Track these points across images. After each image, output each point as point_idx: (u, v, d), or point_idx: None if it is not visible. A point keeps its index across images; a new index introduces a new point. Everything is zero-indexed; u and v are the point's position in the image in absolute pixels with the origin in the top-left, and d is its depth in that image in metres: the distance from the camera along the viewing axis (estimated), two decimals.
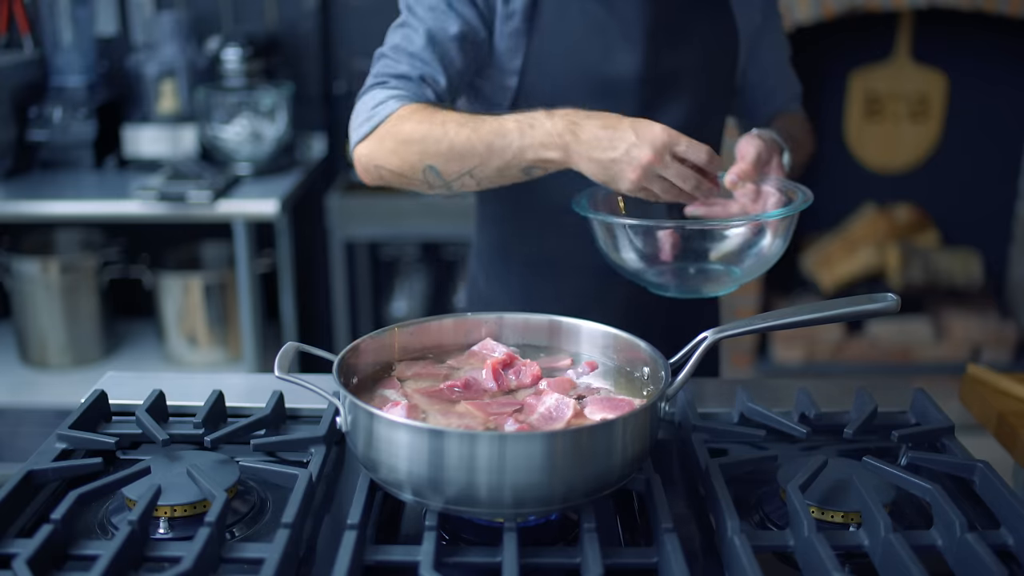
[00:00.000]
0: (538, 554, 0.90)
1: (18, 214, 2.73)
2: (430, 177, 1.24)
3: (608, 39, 1.35)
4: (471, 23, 1.31)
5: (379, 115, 1.26)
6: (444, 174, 1.22)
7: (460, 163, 1.20)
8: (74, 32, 3.03)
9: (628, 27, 1.35)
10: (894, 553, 0.87)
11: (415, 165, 1.23)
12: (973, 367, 1.44)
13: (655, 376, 1.06)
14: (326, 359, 1.05)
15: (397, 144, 1.24)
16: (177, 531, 0.96)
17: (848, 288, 3.62)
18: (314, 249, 3.40)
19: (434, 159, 1.22)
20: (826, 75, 3.71)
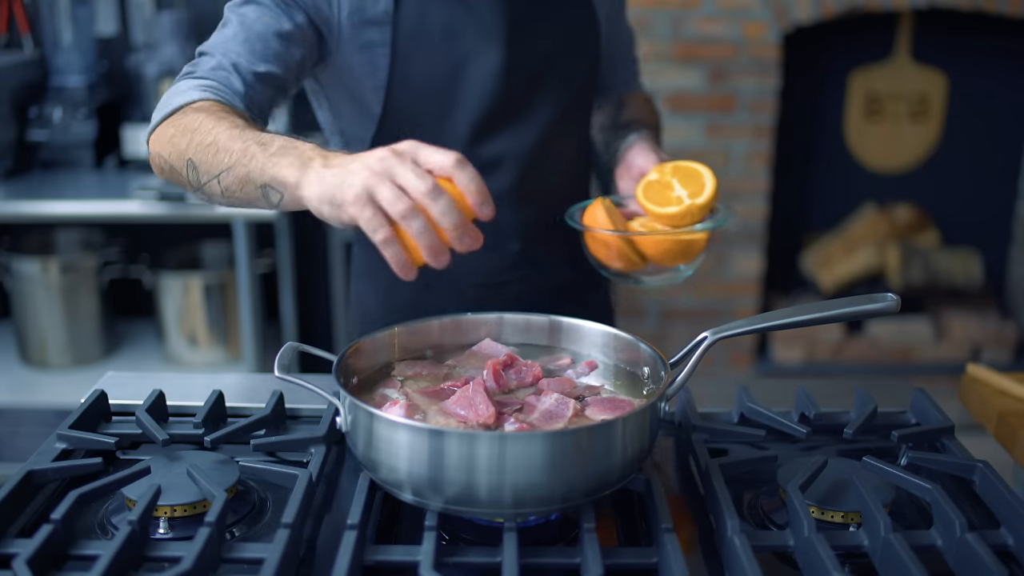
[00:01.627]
0: (538, 554, 0.90)
1: (18, 214, 2.73)
2: (190, 172, 1.14)
3: (469, 44, 1.34)
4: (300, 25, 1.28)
5: (174, 104, 1.20)
6: (200, 171, 1.11)
7: (214, 161, 1.09)
8: (74, 32, 3.03)
9: (487, 30, 1.34)
10: (894, 553, 0.87)
11: (181, 155, 1.14)
12: (973, 367, 1.44)
13: (655, 376, 1.07)
14: (326, 359, 1.05)
15: (176, 132, 1.16)
16: (177, 531, 0.96)
17: (848, 288, 3.63)
18: (314, 249, 3.40)
19: (196, 152, 1.12)
20: (826, 75, 3.71)
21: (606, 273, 1.38)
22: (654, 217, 1.31)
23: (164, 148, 1.18)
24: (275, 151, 1.03)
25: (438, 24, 1.33)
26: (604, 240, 1.32)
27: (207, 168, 1.10)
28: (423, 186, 0.90)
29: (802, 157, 3.77)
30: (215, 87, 1.22)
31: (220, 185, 1.10)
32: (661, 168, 1.34)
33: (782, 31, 3.35)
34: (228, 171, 1.07)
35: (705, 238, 1.32)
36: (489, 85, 1.35)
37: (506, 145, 1.39)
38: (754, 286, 3.59)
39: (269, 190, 1.03)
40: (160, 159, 1.19)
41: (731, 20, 3.32)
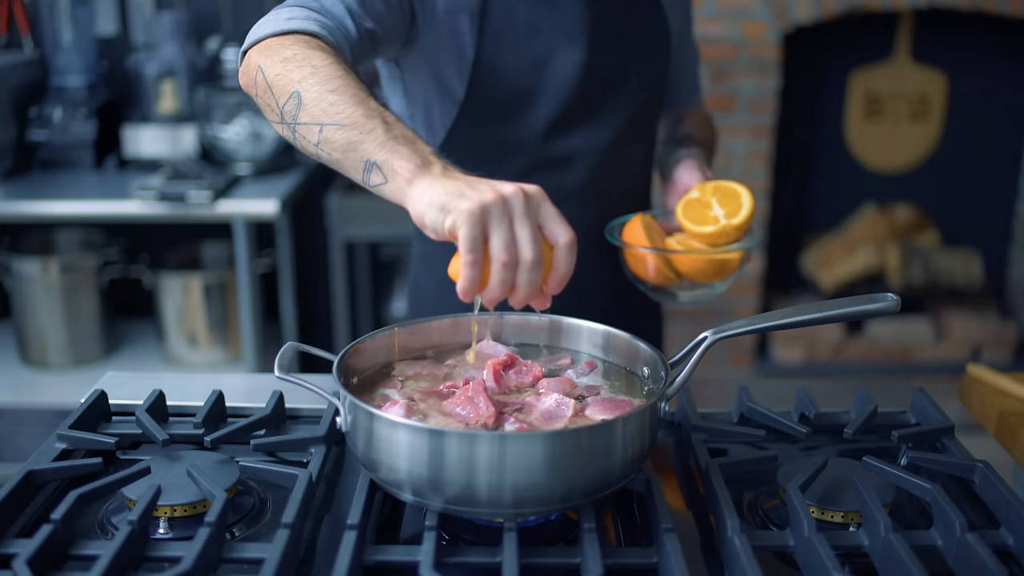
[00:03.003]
0: (538, 554, 0.90)
1: (18, 214, 2.73)
2: (290, 104, 1.07)
3: (551, 39, 1.37)
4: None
5: (289, 26, 1.15)
6: (303, 108, 1.06)
7: (329, 110, 1.04)
8: (74, 32, 3.03)
9: (570, 26, 1.37)
10: (894, 553, 0.87)
11: (289, 84, 1.08)
12: (973, 367, 1.44)
13: (655, 376, 1.07)
14: (326, 359, 1.05)
15: (293, 56, 1.10)
16: (177, 531, 0.96)
17: (848, 288, 3.63)
18: (314, 249, 3.40)
19: (311, 90, 1.06)
20: (826, 75, 3.71)
21: (642, 288, 1.41)
22: (691, 235, 1.36)
23: (271, 65, 1.11)
24: (397, 135, 1.00)
25: (524, 19, 1.35)
26: (641, 256, 1.36)
27: (317, 112, 1.05)
28: (529, 253, 0.91)
29: (802, 157, 3.77)
30: (331, 28, 1.18)
31: (320, 134, 1.05)
32: (703, 187, 1.38)
33: (782, 31, 3.35)
34: (339, 128, 1.03)
35: (738, 257, 1.36)
36: (568, 82, 1.37)
37: (580, 143, 1.42)
38: (754, 286, 3.59)
39: (375, 169, 1.00)
40: (260, 73, 1.12)
41: (731, 20, 3.32)
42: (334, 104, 1.04)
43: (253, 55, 1.15)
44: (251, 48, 1.17)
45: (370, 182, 1.01)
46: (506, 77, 1.37)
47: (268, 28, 1.16)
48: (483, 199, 0.90)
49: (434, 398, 1.03)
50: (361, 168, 1.02)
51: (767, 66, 3.36)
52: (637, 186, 1.54)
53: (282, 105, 1.09)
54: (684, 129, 1.59)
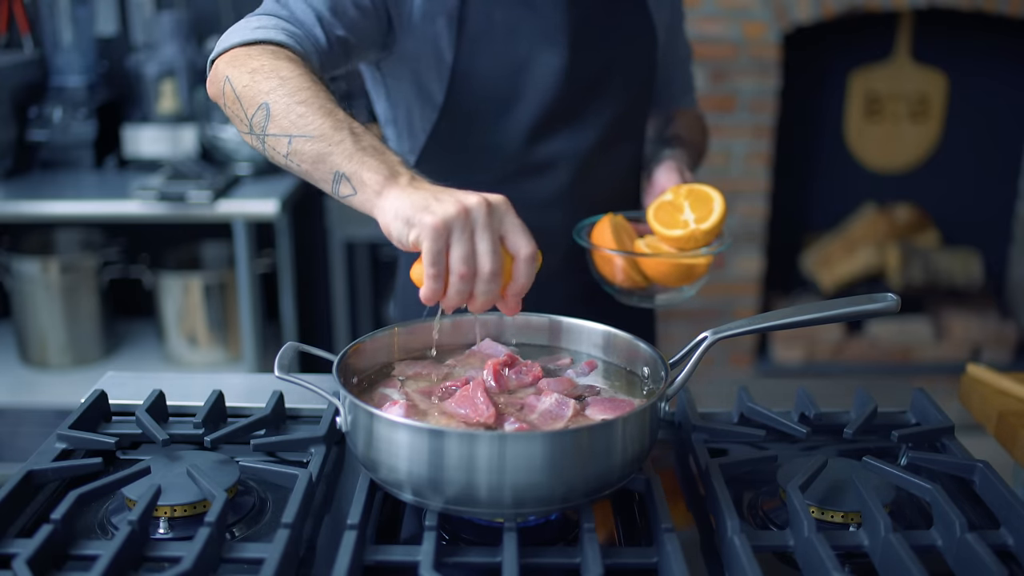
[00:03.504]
0: (538, 554, 0.90)
1: (18, 214, 2.73)
2: (259, 115, 1.08)
3: (533, 45, 1.35)
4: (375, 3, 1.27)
5: (257, 36, 1.15)
6: (272, 120, 1.06)
7: (297, 122, 1.04)
8: (74, 32, 3.03)
9: (550, 30, 1.35)
10: (894, 553, 0.87)
11: (257, 95, 1.08)
12: (973, 367, 1.44)
13: (655, 376, 1.07)
14: (326, 359, 1.05)
15: (260, 67, 1.10)
16: (177, 531, 0.96)
17: (848, 288, 3.63)
18: (314, 249, 3.40)
19: (279, 102, 1.06)
20: (826, 75, 3.71)
21: (609, 290, 1.40)
22: (660, 238, 1.34)
23: (239, 75, 1.11)
24: (366, 146, 1.01)
25: (503, 22, 1.34)
26: (608, 258, 1.35)
27: (286, 124, 1.05)
28: (487, 265, 0.92)
29: (802, 157, 3.77)
30: (300, 37, 1.19)
31: (290, 146, 1.05)
32: (677, 189, 1.36)
33: (782, 31, 3.35)
34: (308, 140, 1.03)
35: (706, 263, 1.34)
36: (550, 86, 1.36)
37: (562, 147, 1.41)
38: (754, 286, 3.59)
39: (344, 181, 1.01)
40: (227, 83, 1.13)
41: (731, 20, 3.32)
42: (302, 116, 1.05)
43: (221, 64, 1.16)
44: (219, 57, 1.17)
45: (339, 193, 1.03)
46: (485, 81, 1.35)
47: (236, 37, 1.17)
48: (446, 213, 0.91)
49: (434, 398, 1.03)
50: (331, 180, 1.03)
51: (767, 66, 3.36)
52: (625, 188, 1.53)
53: (251, 116, 1.10)
54: (673, 129, 1.58)
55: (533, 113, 1.38)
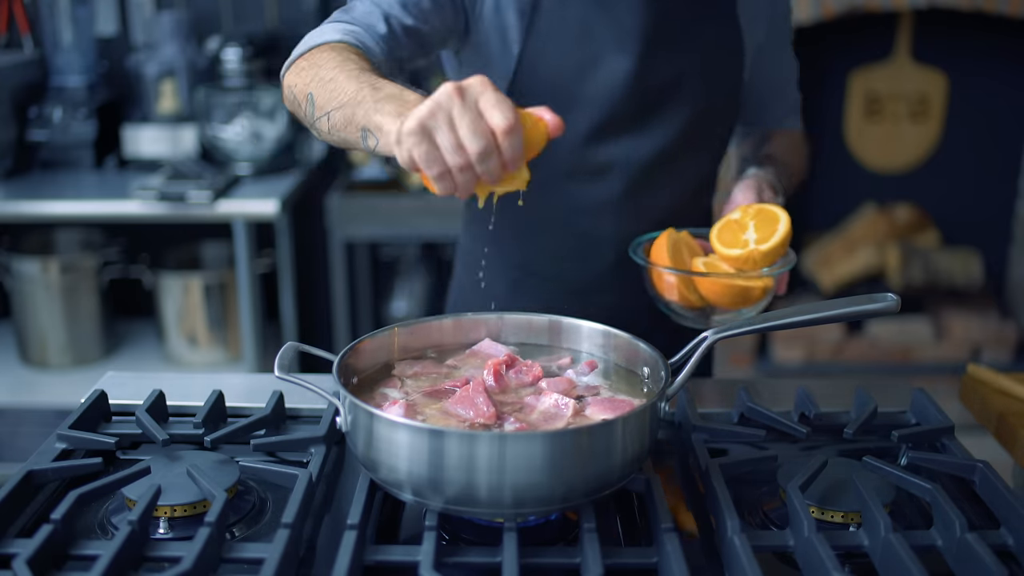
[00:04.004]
0: (538, 554, 0.90)
1: (18, 214, 2.73)
2: (308, 106, 1.16)
3: (603, 45, 1.33)
4: None
5: (313, 42, 1.23)
6: (316, 105, 1.14)
7: (329, 97, 1.11)
8: (74, 32, 3.03)
9: (623, 34, 1.33)
10: (894, 553, 0.87)
11: (305, 87, 1.17)
12: (973, 367, 1.44)
13: (655, 376, 1.07)
14: (326, 359, 1.05)
15: (306, 65, 1.19)
16: (177, 531, 0.96)
17: (848, 288, 3.62)
18: (314, 249, 3.40)
19: (317, 86, 1.14)
20: (826, 75, 3.71)
21: (664, 309, 1.34)
22: (720, 257, 1.29)
23: (293, 80, 1.20)
24: (383, 97, 1.03)
25: (575, 21, 1.33)
26: (663, 275, 1.29)
27: (322, 103, 1.12)
28: (475, 148, 0.91)
29: None
30: (356, 32, 1.24)
31: (329, 121, 1.11)
32: (746, 208, 1.31)
33: None
34: (339, 109, 1.08)
35: (763, 285, 1.28)
36: (616, 90, 1.34)
37: (620, 153, 1.37)
38: None
39: (368, 134, 1.04)
40: (289, 91, 1.22)
41: None
42: (332, 91, 1.10)
43: (285, 78, 1.24)
44: (286, 72, 1.25)
45: (370, 146, 1.04)
46: (549, 78, 1.34)
47: (297, 52, 1.25)
48: (419, 115, 0.91)
49: (434, 398, 1.03)
50: (360, 138, 1.05)
51: None
52: (690, 204, 1.48)
53: (305, 111, 1.17)
54: (767, 149, 1.53)
55: (593, 116, 1.35)
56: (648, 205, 1.42)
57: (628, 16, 1.33)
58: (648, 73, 1.35)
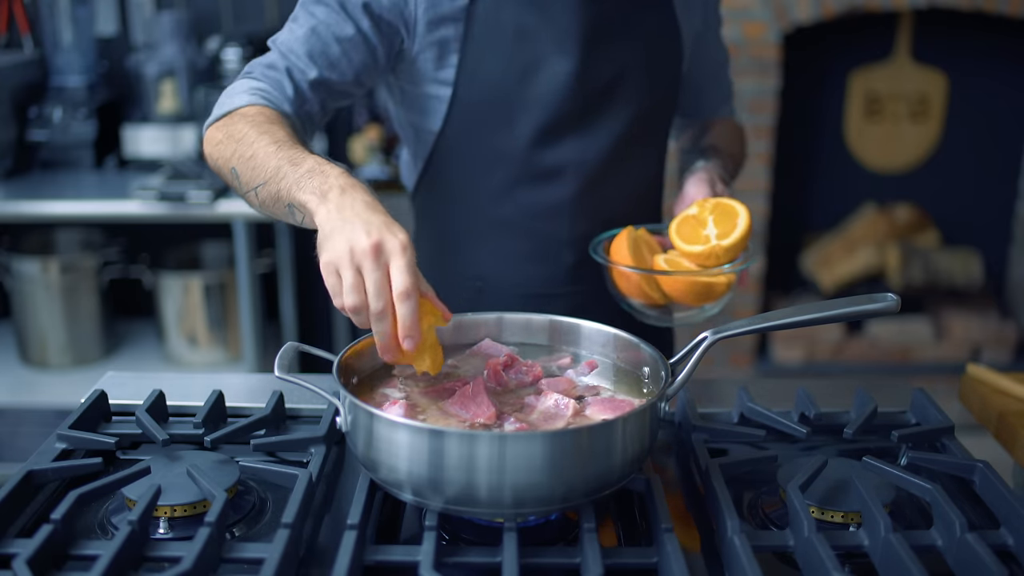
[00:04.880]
0: (538, 554, 0.90)
1: (18, 214, 2.73)
2: (234, 179, 1.20)
3: (541, 48, 1.32)
4: (364, 31, 1.28)
5: (228, 106, 1.25)
6: (242, 181, 1.17)
7: (252, 174, 1.14)
8: (74, 32, 3.03)
9: (561, 35, 1.32)
10: (894, 553, 0.87)
11: (227, 162, 1.20)
12: (973, 367, 1.44)
13: (655, 376, 1.07)
14: (326, 359, 1.05)
15: (223, 138, 1.21)
16: (177, 531, 0.96)
17: (848, 288, 3.63)
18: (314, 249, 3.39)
19: (239, 163, 1.17)
20: (826, 75, 3.71)
21: (626, 307, 1.35)
22: (681, 254, 1.28)
23: (213, 151, 1.24)
24: (303, 173, 1.07)
25: (511, 25, 1.32)
26: (624, 274, 1.29)
27: (247, 180, 1.16)
28: (377, 305, 0.95)
29: (802, 157, 3.77)
30: (265, 91, 1.27)
31: (257, 198, 1.15)
32: (703, 203, 1.30)
33: (782, 31, 3.35)
34: (263, 186, 1.12)
35: (727, 281, 1.28)
36: (559, 92, 1.33)
37: (570, 154, 1.36)
38: (754, 286, 3.59)
39: (294, 210, 1.09)
40: (211, 160, 1.25)
41: (731, 20, 3.32)
42: (254, 168, 1.14)
43: (205, 145, 1.29)
44: (204, 137, 1.28)
45: (300, 222, 1.10)
46: (490, 85, 1.33)
47: (213, 116, 1.27)
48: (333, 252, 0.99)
49: (434, 398, 1.03)
50: (289, 213, 1.10)
51: (767, 66, 3.36)
52: (642, 200, 1.47)
53: (233, 183, 1.21)
54: (708, 139, 1.54)
55: (539, 119, 1.34)
56: (601, 203, 1.41)
57: (564, 16, 1.32)
58: (590, 72, 1.34)
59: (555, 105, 1.33)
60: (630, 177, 1.43)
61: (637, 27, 1.37)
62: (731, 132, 1.61)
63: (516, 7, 1.31)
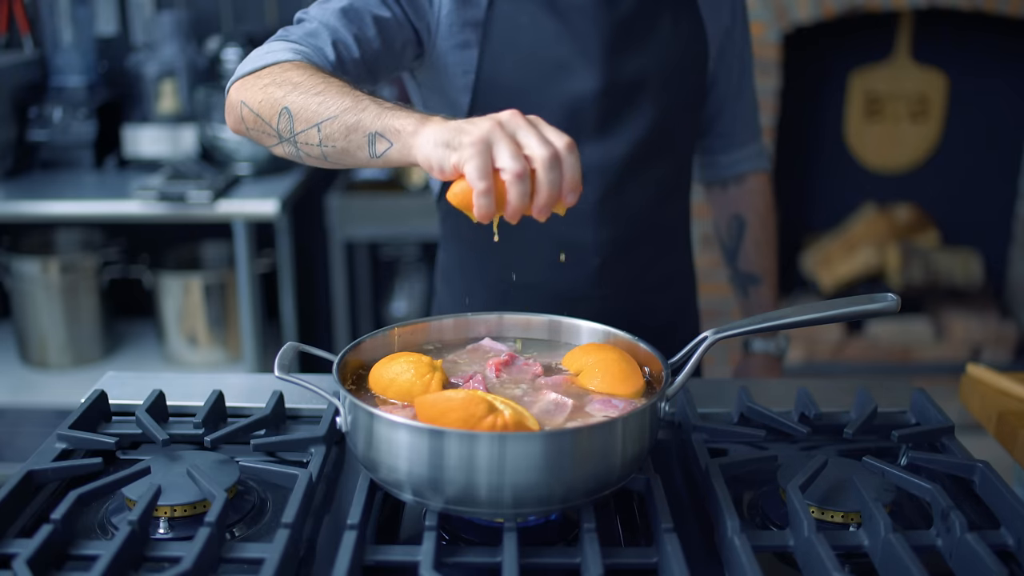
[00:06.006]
0: (538, 554, 0.90)
1: (18, 214, 2.73)
2: (282, 122, 1.11)
3: (563, 54, 1.31)
4: (397, 17, 1.27)
5: (266, 60, 1.18)
6: (296, 119, 1.09)
7: (318, 110, 1.07)
8: (74, 32, 3.03)
9: (583, 41, 1.31)
10: (894, 553, 0.87)
11: (275, 104, 1.12)
12: (973, 367, 1.44)
13: (655, 376, 1.07)
14: (326, 359, 1.05)
15: (272, 82, 1.14)
16: (177, 531, 0.96)
17: (848, 288, 3.62)
18: (314, 249, 3.40)
19: (294, 100, 1.09)
20: (826, 75, 3.71)
21: None
22: None
23: (253, 95, 1.15)
24: (391, 106, 1.03)
25: (530, 31, 1.31)
26: None
27: (308, 116, 1.08)
28: (542, 152, 0.90)
29: (802, 157, 3.77)
30: (308, 54, 1.21)
31: (320, 133, 1.07)
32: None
33: (782, 31, 3.35)
34: (334, 119, 1.05)
35: None
36: (580, 98, 1.32)
37: (591, 159, 1.35)
38: None
39: (378, 138, 1.02)
40: (243, 107, 1.16)
41: None
42: (322, 103, 1.07)
43: (232, 94, 1.18)
44: (231, 87, 1.20)
45: (377, 152, 1.02)
46: (509, 90, 1.32)
47: (246, 67, 1.19)
48: (482, 129, 0.91)
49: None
50: (366, 144, 1.03)
51: (767, 66, 3.36)
52: (660, 203, 1.46)
53: (276, 125, 1.12)
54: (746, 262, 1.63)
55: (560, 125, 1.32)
56: (625, 207, 1.40)
57: (583, 23, 1.31)
58: (611, 78, 1.33)
59: (576, 110, 1.33)
60: (653, 180, 1.42)
61: (659, 30, 1.36)
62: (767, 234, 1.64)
63: (535, 14, 1.31)
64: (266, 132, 1.14)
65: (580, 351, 1.10)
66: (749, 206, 1.61)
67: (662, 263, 1.50)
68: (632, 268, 1.44)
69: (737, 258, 1.64)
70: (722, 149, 1.59)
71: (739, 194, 1.61)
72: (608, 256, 1.40)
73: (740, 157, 1.60)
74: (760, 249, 1.63)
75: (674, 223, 1.51)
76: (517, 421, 0.91)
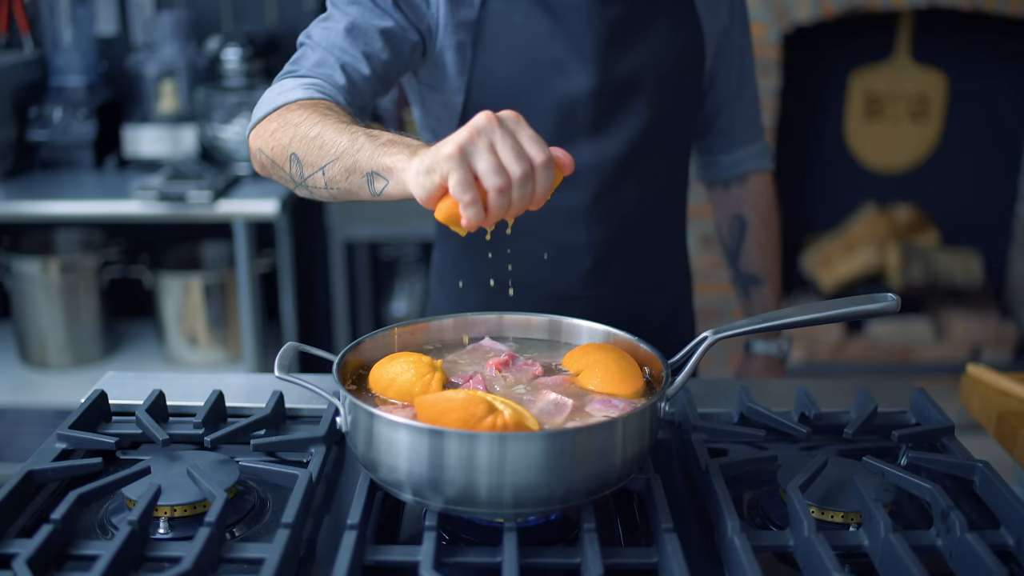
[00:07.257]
0: (538, 554, 0.90)
1: (18, 214, 2.73)
2: (292, 167, 1.15)
3: (556, 53, 1.31)
4: (400, 24, 1.28)
5: (277, 103, 1.21)
6: (304, 163, 1.12)
7: (319, 154, 1.10)
8: (74, 32, 3.03)
9: (578, 40, 1.31)
10: (894, 553, 0.87)
11: (285, 150, 1.15)
12: (973, 367, 1.44)
13: (655, 376, 1.07)
14: (326, 359, 1.05)
15: (278, 126, 1.17)
16: (177, 531, 0.96)
17: (848, 288, 3.62)
18: (314, 249, 3.40)
19: (300, 146, 1.12)
20: (826, 75, 3.71)
21: None
22: None
23: (266, 143, 1.18)
24: (384, 142, 1.03)
25: (523, 30, 1.31)
26: None
27: (312, 160, 1.10)
28: (518, 171, 0.90)
29: (802, 157, 3.77)
30: (318, 85, 1.23)
31: (324, 176, 1.10)
32: None
33: (782, 31, 3.35)
34: (334, 162, 1.07)
35: None
36: (573, 97, 1.32)
37: (584, 159, 1.34)
38: None
39: (376, 177, 1.03)
40: (261, 155, 1.20)
41: None
42: (322, 146, 1.09)
43: (252, 141, 1.22)
44: (249, 135, 1.23)
45: (377, 190, 1.03)
46: (503, 91, 1.32)
47: (259, 112, 1.22)
48: (458, 139, 0.90)
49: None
50: (365, 184, 1.04)
51: (767, 66, 3.36)
52: (654, 203, 1.46)
53: (289, 171, 1.15)
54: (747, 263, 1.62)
55: (554, 124, 1.33)
56: (617, 207, 1.40)
57: (577, 22, 1.31)
58: (605, 78, 1.33)
59: (569, 109, 1.33)
60: (644, 180, 1.42)
61: (654, 29, 1.36)
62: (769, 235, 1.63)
63: (528, 13, 1.31)
64: (283, 178, 1.17)
65: (580, 351, 1.11)
66: (751, 206, 1.61)
67: (657, 263, 1.49)
68: (626, 268, 1.44)
69: (739, 259, 1.63)
70: (723, 149, 1.59)
71: (741, 194, 1.61)
72: (602, 256, 1.40)
73: (741, 157, 1.59)
74: (762, 250, 1.62)
75: (669, 223, 1.51)
76: (517, 421, 0.91)
